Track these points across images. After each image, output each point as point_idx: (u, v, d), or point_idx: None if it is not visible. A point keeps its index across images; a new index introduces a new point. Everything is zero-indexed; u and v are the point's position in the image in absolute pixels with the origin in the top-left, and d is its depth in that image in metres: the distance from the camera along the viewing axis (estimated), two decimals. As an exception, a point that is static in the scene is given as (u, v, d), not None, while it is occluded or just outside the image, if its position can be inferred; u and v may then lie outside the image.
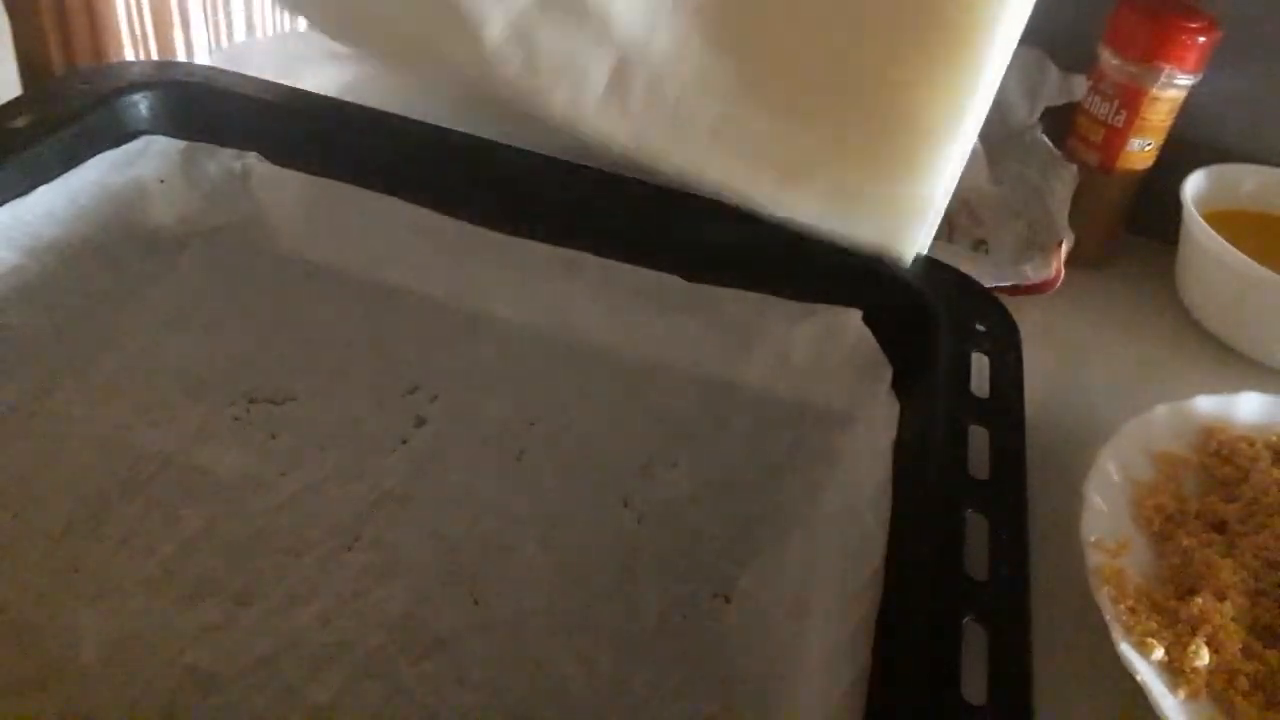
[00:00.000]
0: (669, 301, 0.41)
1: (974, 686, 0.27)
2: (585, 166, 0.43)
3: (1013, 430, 0.35)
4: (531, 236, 0.42)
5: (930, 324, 0.39)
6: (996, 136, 0.52)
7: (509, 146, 0.43)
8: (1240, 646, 0.32)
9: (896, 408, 0.38)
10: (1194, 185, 0.49)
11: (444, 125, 0.43)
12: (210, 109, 0.42)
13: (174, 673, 0.29)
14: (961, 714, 0.26)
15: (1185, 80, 0.48)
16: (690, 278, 0.41)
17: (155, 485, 0.34)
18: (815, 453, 0.38)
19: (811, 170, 0.39)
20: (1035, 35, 0.53)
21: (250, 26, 0.60)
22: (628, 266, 0.42)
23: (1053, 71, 0.53)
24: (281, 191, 0.44)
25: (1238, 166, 0.51)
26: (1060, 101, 0.53)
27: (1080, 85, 0.52)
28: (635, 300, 0.41)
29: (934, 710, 0.27)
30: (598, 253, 0.42)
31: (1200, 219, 0.47)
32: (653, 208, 0.42)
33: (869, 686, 0.29)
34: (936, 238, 0.49)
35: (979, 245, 0.50)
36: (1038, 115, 0.53)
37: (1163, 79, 0.47)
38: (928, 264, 0.41)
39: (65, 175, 0.40)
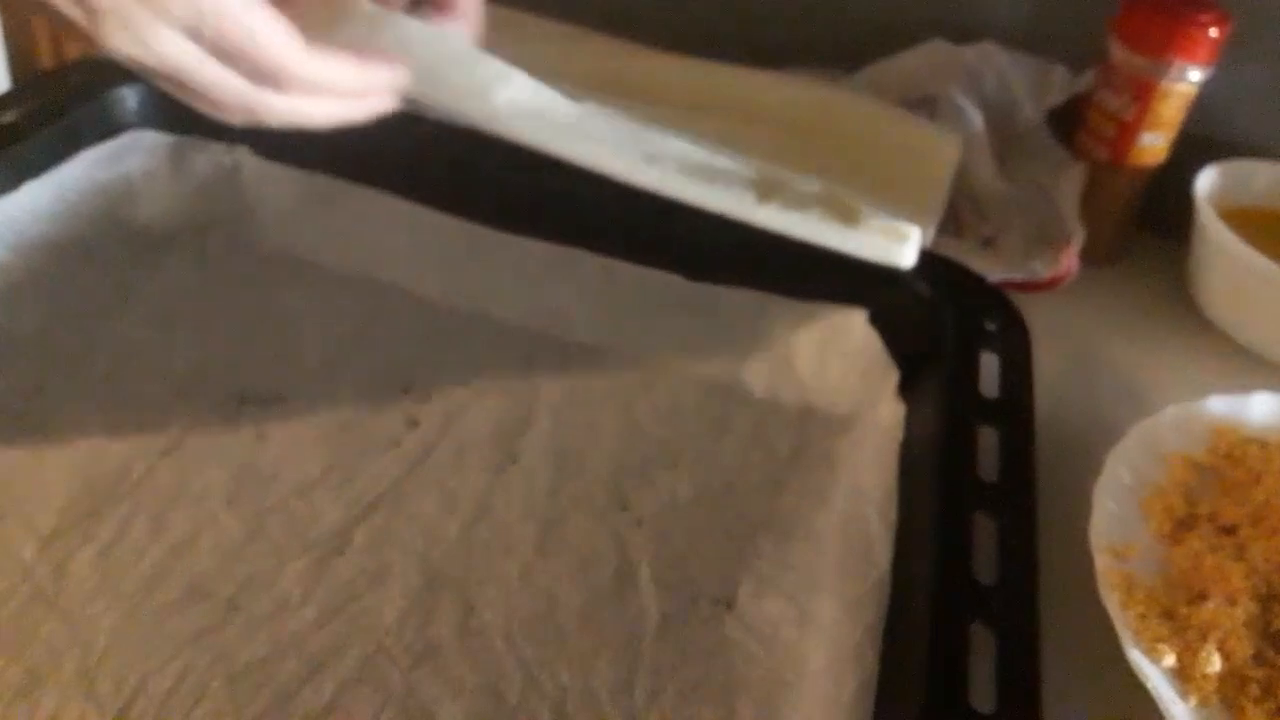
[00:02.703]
0: (670, 301, 0.40)
1: (982, 693, 0.27)
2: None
3: (1022, 431, 0.34)
4: (528, 234, 0.42)
5: (938, 322, 0.38)
6: (1004, 136, 0.52)
7: (506, 142, 0.43)
8: (1251, 652, 0.32)
9: (903, 409, 0.37)
10: (1206, 181, 0.48)
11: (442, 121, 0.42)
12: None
13: (165, 678, 0.29)
14: (969, 722, 0.26)
15: (1197, 74, 0.47)
16: (692, 277, 0.41)
17: (144, 487, 0.34)
18: (819, 455, 0.38)
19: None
20: (1044, 27, 0.53)
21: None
22: (628, 265, 0.41)
23: (1058, 72, 0.52)
24: (272, 187, 0.44)
25: (1251, 162, 0.50)
26: (1065, 97, 0.52)
27: (1085, 78, 0.51)
28: (635, 299, 0.40)
29: (941, 717, 0.26)
30: (597, 251, 0.41)
31: (1213, 215, 0.46)
32: (654, 205, 0.41)
33: (875, 693, 0.29)
34: (944, 235, 0.48)
35: (987, 243, 0.49)
36: (1043, 116, 0.53)
37: (1174, 72, 0.47)
38: (935, 261, 0.41)
39: (53, 170, 0.40)
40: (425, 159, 0.43)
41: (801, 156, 0.47)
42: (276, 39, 0.29)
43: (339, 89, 0.31)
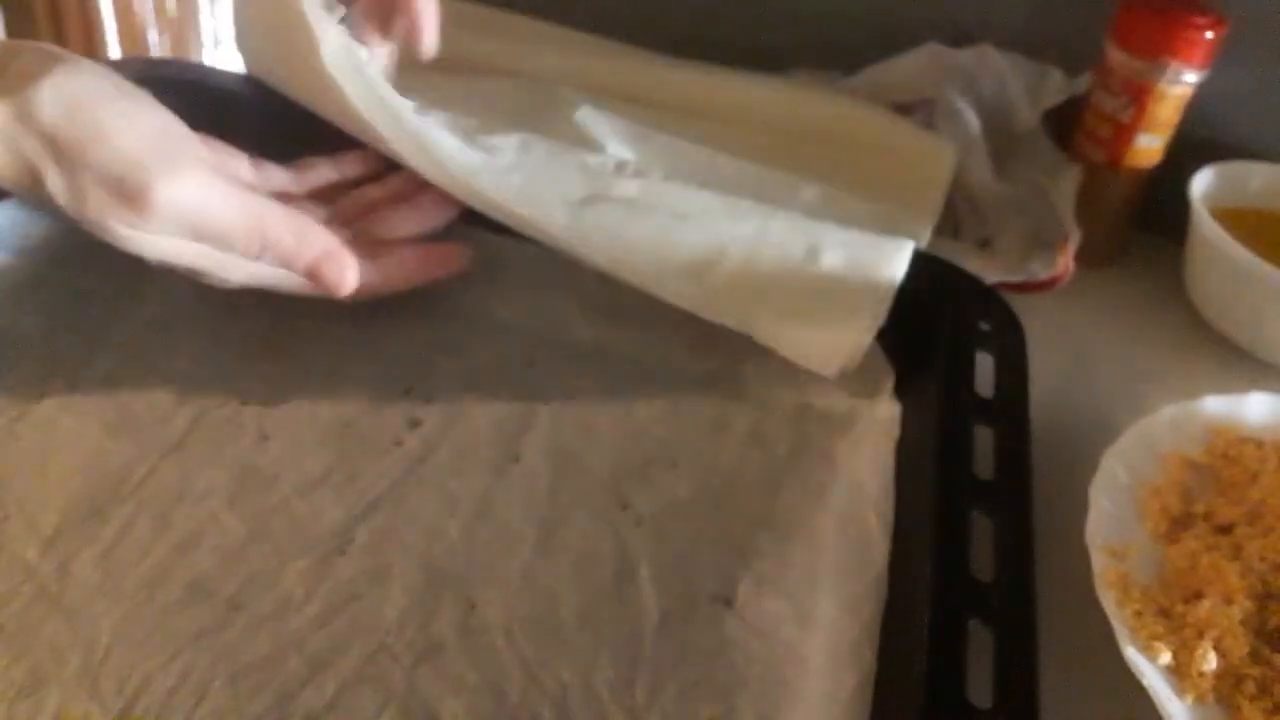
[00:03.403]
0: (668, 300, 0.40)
1: (979, 689, 0.27)
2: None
3: (1017, 430, 0.34)
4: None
5: (932, 322, 0.39)
6: (1000, 139, 0.52)
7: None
8: (1247, 650, 0.32)
9: (899, 409, 0.37)
10: (1202, 182, 0.48)
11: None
12: (203, 107, 0.42)
13: (167, 677, 0.29)
14: (967, 717, 0.26)
15: (1193, 76, 0.47)
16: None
17: (146, 488, 0.34)
18: (817, 454, 0.38)
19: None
20: (1040, 30, 0.53)
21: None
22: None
23: (1054, 75, 0.53)
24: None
25: (1246, 164, 0.50)
26: (1061, 98, 0.52)
27: (1082, 81, 0.52)
28: (635, 299, 0.40)
29: (939, 714, 0.26)
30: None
31: (1209, 217, 0.46)
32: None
33: (873, 689, 0.29)
34: (942, 236, 0.49)
35: (984, 244, 0.49)
36: (1039, 118, 0.53)
37: (1170, 75, 0.47)
38: (930, 262, 0.41)
39: (57, 173, 0.40)
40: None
41: (798, 162, 0.48)
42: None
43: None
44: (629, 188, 0.41)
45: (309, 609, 0.31)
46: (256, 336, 0.40)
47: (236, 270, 0.35)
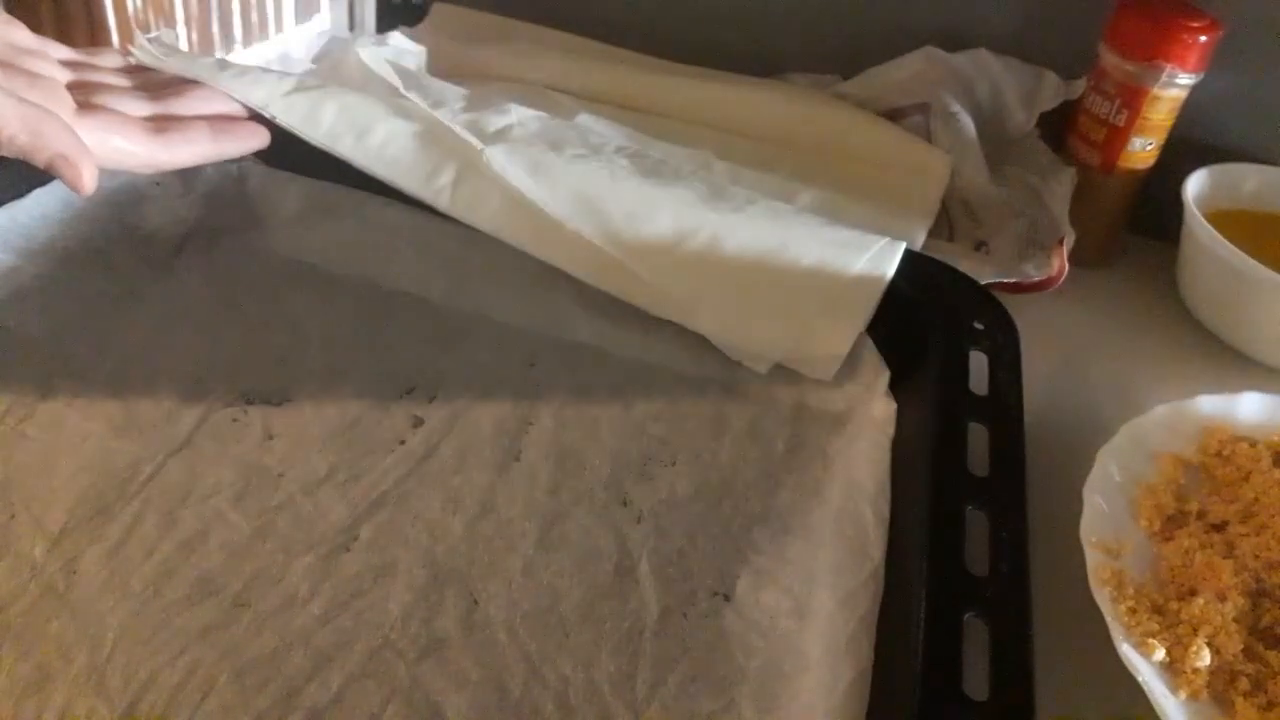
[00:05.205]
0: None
1: (976, 682, 0.27)
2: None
3: (1011, 427, 0.35)
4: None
5: (927, 322, 0.39)
6: (996, 142, 0.53)
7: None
8: (1241, 647, 0.32)
9: (894, 406, 0.38)
10: (1195, 185, 0.49)
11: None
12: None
13: (173, 673, 0.29)
14: (963, 709, 0.26)
15: (1186, 79, 0.48)
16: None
17: (153, 486, 0.34)
18: (814, 451, 0.38)
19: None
20: (1035, 34, 0.54)
21: (248, 29, 0.61)
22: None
23: (1049, 78, 0.53)
24: (278, 194, 0.44)
25: (1239, 166, 0.51)
26: (1056, 102, 0.53)
27: (1077, 86, 0.52)
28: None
29: (936, 706, 0.27)
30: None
31: (1201, 218, 0.47)
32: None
33: (871, 682, 0.29)
34: (937, 238, 0.49)
35: (980, 246, 0.50)
36: (1034, 121, 0.53)
37: (1164, 78, 0.47)
38: (925, 262, 0.41)
39: (62, 177, 0.40)
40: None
41: (795, 169, 0.48)
42: None
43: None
44: (619, 162, 0.41)
45: (314, 605, 0.31)
46: (261, 338, 0.40)
47: None
